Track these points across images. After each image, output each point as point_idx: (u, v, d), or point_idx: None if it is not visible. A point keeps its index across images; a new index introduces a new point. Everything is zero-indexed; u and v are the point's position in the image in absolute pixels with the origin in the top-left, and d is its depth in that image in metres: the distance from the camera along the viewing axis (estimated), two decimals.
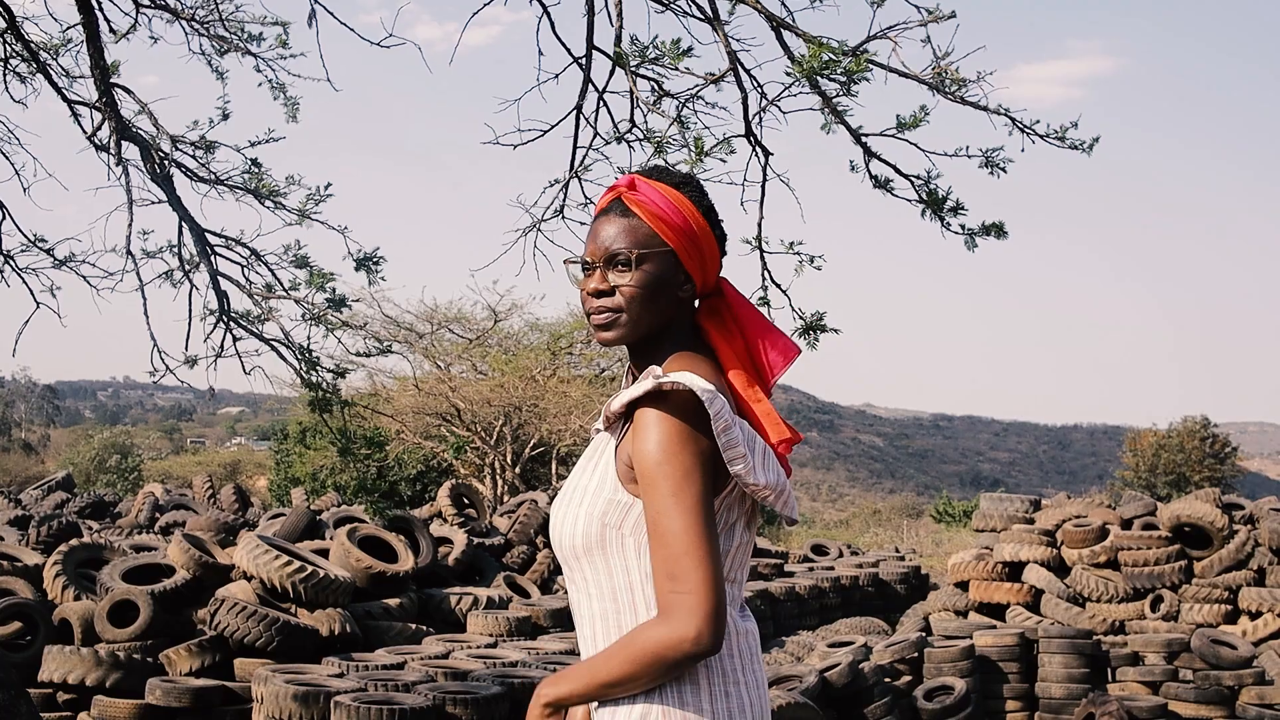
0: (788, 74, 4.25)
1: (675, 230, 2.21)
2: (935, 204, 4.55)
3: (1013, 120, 4.36)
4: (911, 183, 4.63)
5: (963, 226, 4.57)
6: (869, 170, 4.68)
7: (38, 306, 6.23)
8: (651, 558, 2.08)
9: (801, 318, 4.79)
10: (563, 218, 4.82)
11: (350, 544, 11.16)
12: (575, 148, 4.82)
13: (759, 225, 4.80)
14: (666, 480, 2.06)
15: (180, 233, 5.79)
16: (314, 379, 5.79)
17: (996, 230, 4.54)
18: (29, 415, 72.18)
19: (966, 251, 4.63)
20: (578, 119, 4.79)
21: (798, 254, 4.70)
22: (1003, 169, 4.38)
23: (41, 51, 5.95)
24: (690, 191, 2.26)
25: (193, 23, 6.04)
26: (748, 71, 4.61)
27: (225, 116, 6.10)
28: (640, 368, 2.25)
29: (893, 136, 4.40)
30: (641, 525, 2.12)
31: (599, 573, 2.17)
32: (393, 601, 10.97)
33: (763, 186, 4.79)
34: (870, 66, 3.92)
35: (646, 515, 2.09)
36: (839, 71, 3.89)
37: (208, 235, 5.78)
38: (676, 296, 2.22)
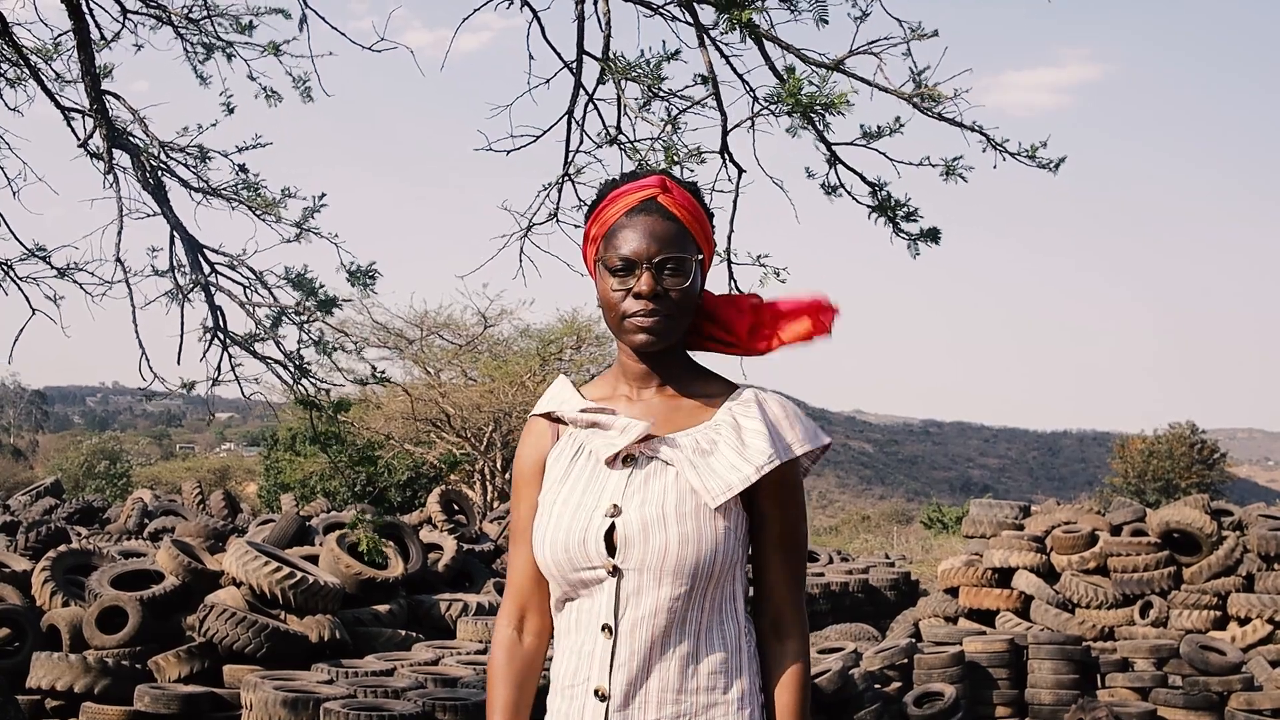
0: (769, 99, 4.29)
1: (705, 240, 2.23)
2: (888, 210, 4.62)
3: (987, 138, 4.43)
4: (873, 188, 4.68)
5: (908, 233, 4.64)
6: (835, 173, 4.75)
7: (33, 314, 6.20)
8: (782, 570, 2.20)
9: None
10: (557, 221, 4.83)
11: (340, 550, 11.14)
12: (568, 151, 4.84)
13: (728, 239, 4.86)
14: (802, 495, 2.22)
15: (172, 243, 5.77)
16: (310, 397, 5.77)
17: (931, 236, 4.61)
18: (17, 421, 71.97)
19: (952, 259, 4.69)
20: (569, 123, 4.81)
21: (763, 265, 4.77)
22: (962, 177, 4.46)
23: (33, 57, 5.94)
24: (702, 200, 2.27)
25: (182, 25, 6.03)
26: (740, 76, 4.63)
27: (215, 124, 6.08)
28: (669, 374, 2.23)
29: (863, 146, 4.47)
30: (745, 538, 2.17)
31: (716, 588, 2.13)
32: (382, 608, 10.95)
33: (734, 201, 4.84)
34: (851, 104, 3.96)
35: (784, 528, 2.19)
36: (819, 104, 3.93)
37: (206, 252, 5.77)
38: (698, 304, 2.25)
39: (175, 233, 5.73)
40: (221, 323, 5.77)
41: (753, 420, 2.16)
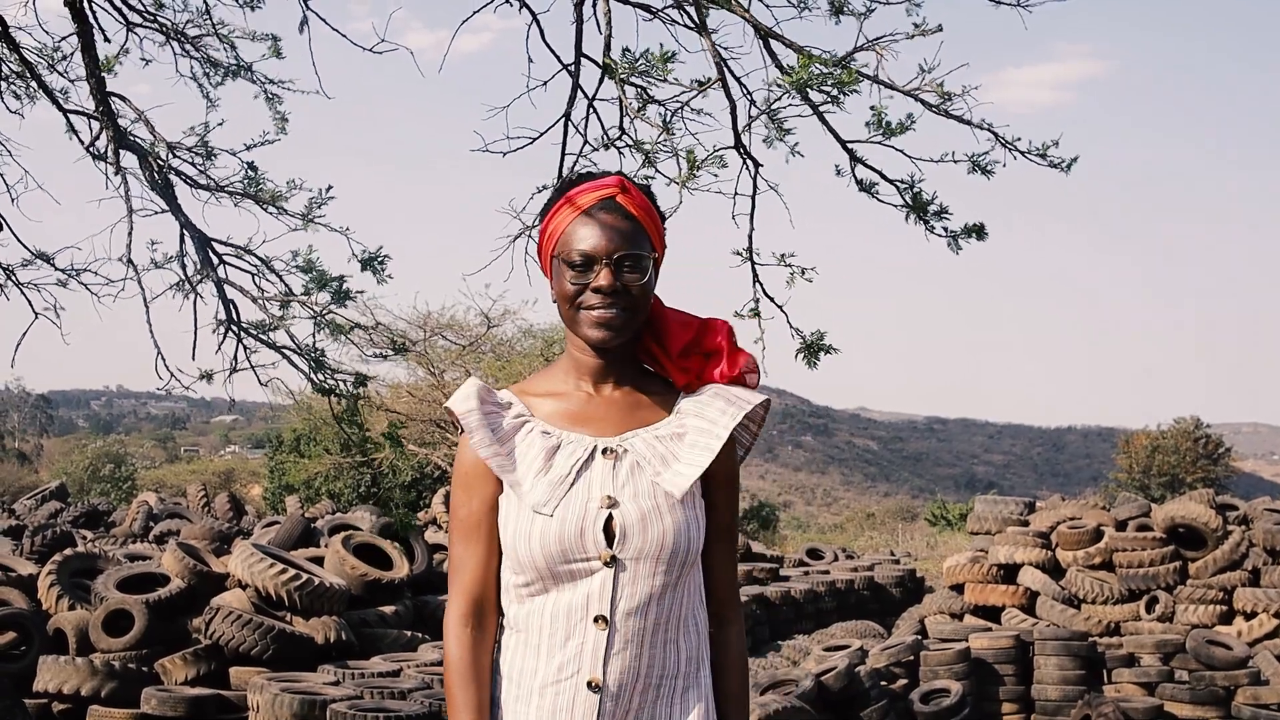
0: (778, 85, 4.26)
1: (659, 240, 2.29)
2: (920, 208, 4.58)
3: (996, 136, 4.41)
4: (896, 187, 4.65)
5: (946, 229, 4.59)
6: (854, 175, 4.71)
7: (36, 318, 6.22)
8: (728, 558, 2.32)
9: (800, 336, 4.78)
10: None
11: (345, 551, 11.15)
12: (564, 154, 4.83)
13: (749, 237, 4.81)
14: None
15: (182, 241, 5.79)
16: (326, 384, 5.78)
17: (977, 232, 4.57)
18: (22, 425, 72.02)
19: (959, 254, 4.66)
20: (566, 126, 4.80)
21: (789, 265, 4.70)
22: (990, 172, 4.41)
23: (38, 60, 5.96)
24: (657, 203, 2.33)
25: (183, 42, 6.04)
26: (738, 79, 4.62)
27: (204, 140, 6.09)
28: (624, 371, 2.30)
29: (879, 143, 4.43)
30: None
31: (692, 573, 2.24)
32: (388, 609, 10.96)
33: (753, 198, 4.79)
34: (860, 78, 3.95)
35: (726, 519, 2.29)
36: (829, 84, 3.91)
37: (214, 244, 5.79)
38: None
39: (185, 230, 5.75)
40: (234, 314, 5.79)
41: (712, 407, 2.26)
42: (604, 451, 2.21)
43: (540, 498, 2.18)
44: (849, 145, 4.65)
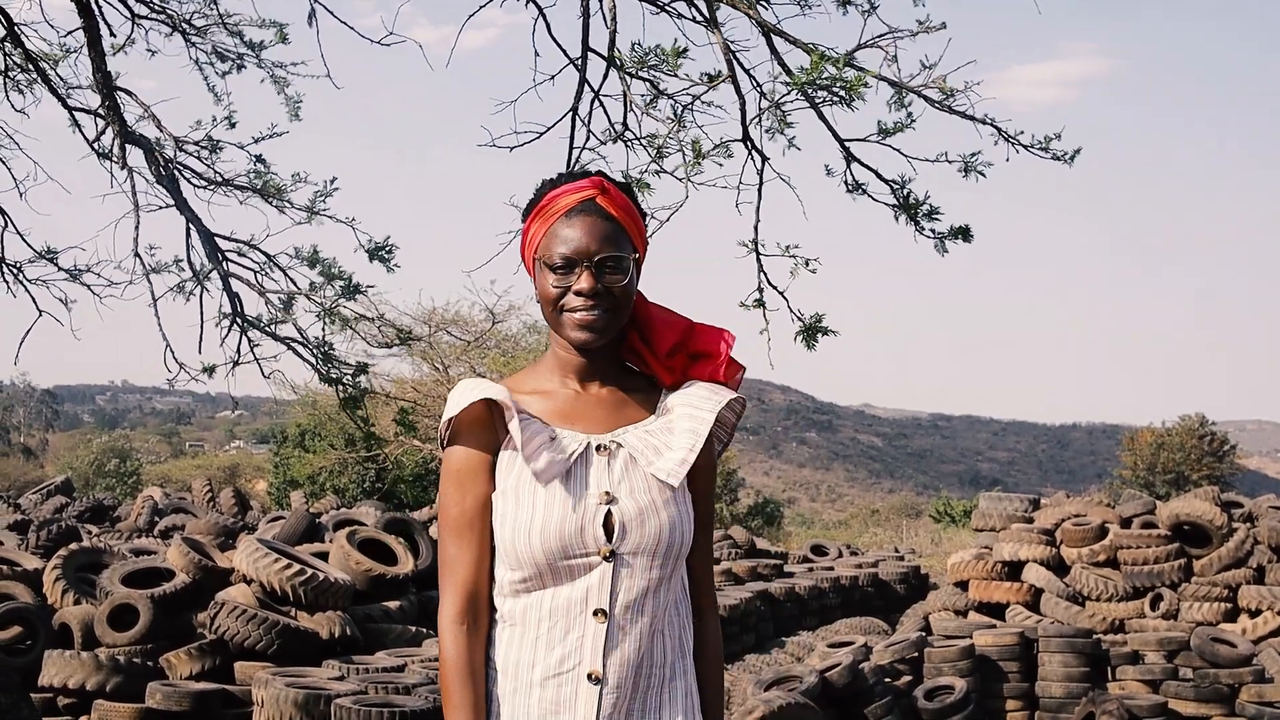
0: (786, 84, 4.27)
1: (640, 239, 2.31)
2: (910, 208, 4.59)
3: (999, 130, 4.41)
4: (891, 187, 4.65)
5: (933, 231, 4.61)
6: (850, 173, 4.72)
7: (40, 315, 6.23)
8: (706, 550, 2.37)
9: (800, 319, 4.80)
10: None
11: (350, 547, 11.16)
12: (571, 149, 4.83)
13: (755, 229, 4.82)
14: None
15: (188, 236, 5.79)
16: (332, 374, 5.80)
17: (962, 234, 4.57)
18: (28, 420, 72.17)
19: (960, 253, 4.67)
20: (573, 121, 4.80)
21: (793, 256, 4.72)
22: (982, 174, 4.43)
23: (42, 60, 5.95)
24: (637, 201, 2.34)
25: (191, 34, 6.05)
26: (748, 73, 4.62)
27: (231, 125, 6.09)
28: (609, 370, 2.33)
29: (877, 143, 4.44)
30: None
31: (680, 566, 2.29)
32: (392, 604, 10.96)
33: (759, 190, 4.80)
34: (870, 82, 3.95)
35: (708, 508, 2.35)
36: (839, 86, 3.91)
37: (218, 240, 5.79)
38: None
39: (191, 225, 5.75)
40: (239, 308, 5.80)
41: (695, 395, 2.30)
42: (598, 448, 2.24)
43: (542, 465, 2.20)
44: (845, 143, 4.66)
